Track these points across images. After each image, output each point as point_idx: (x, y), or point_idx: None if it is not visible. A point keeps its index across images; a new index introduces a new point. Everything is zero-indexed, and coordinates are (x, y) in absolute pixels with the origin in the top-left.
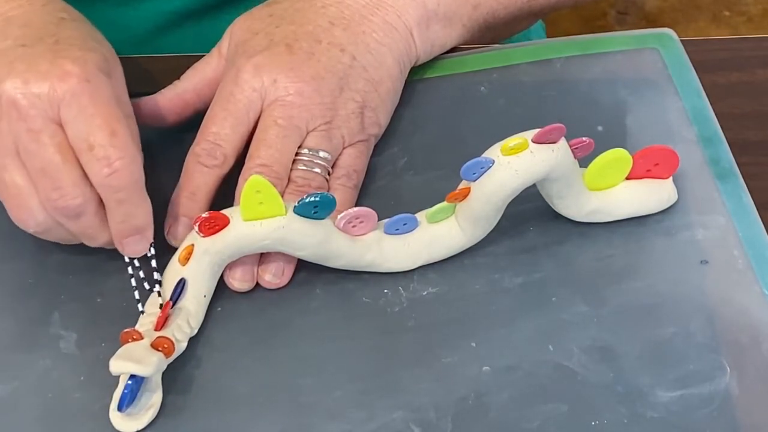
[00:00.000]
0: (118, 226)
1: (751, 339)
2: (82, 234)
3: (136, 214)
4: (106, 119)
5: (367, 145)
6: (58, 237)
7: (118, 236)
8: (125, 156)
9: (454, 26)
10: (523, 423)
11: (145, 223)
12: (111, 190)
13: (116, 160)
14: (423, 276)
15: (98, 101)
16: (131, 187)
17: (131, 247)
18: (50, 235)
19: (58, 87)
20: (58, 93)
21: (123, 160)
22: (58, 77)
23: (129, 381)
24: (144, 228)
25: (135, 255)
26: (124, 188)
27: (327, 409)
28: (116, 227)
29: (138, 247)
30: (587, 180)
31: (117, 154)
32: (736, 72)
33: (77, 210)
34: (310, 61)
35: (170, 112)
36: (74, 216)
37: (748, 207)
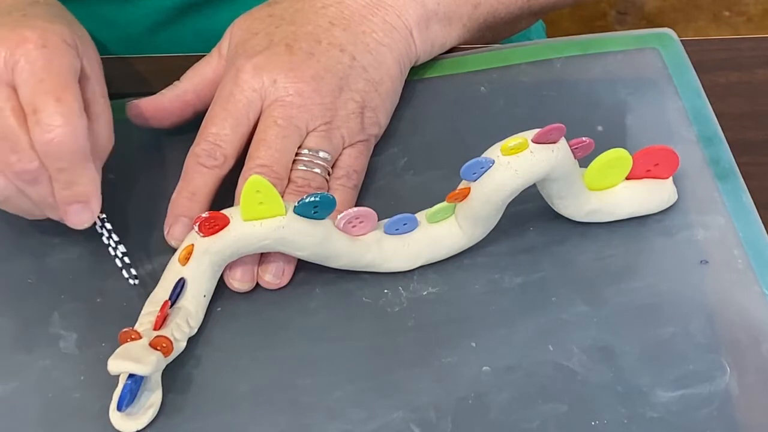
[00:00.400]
0: (60, 194)
1: (751, 339)
2: (41, 202)
3: (78, 183)
4: (55, 85)
5: (366, 145)
6: (20, 207)
7: (61, 204)
8: (67, 124)
9: (454, 26)
10: (523, 423)
11: (89, 193)
12: (51, 157)
13: (57, 127)
14: (423, 276)
15: (51, 67)
16: (72, 156)
17: (74, 217)
18: (11, 205)
19: (15, 51)
20: (15, 57)
21: (64, 128)
22: (15, 42)
23: (128, 380)
24: (87, 197)
25: (79, 226)
26: (65, 156)
27: (327, 409)
28: (59, 195)
29: (81, 216)
30: (587, 180)
31: (58, 121)
32: (735, 72)
33: (34, 174)
34: (310, 61)
35: (170, 112)
36: (32, 180)
37: (748, 207)
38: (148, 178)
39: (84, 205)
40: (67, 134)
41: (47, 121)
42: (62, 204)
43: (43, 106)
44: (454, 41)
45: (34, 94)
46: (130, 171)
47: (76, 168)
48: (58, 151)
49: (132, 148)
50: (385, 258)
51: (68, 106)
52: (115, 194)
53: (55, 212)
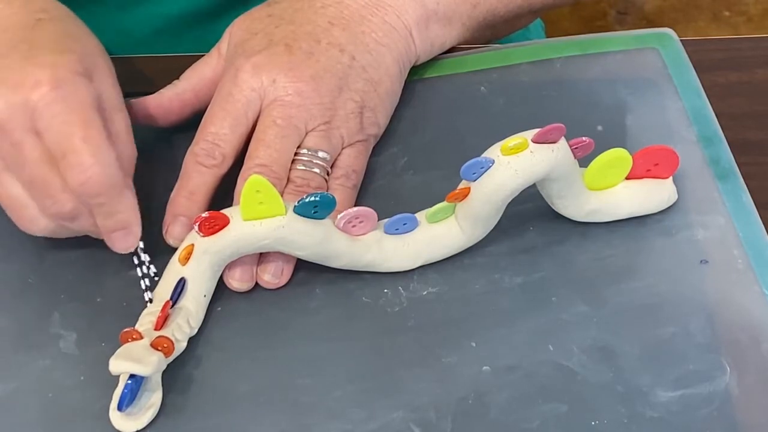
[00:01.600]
0: (102, 224)
1: (751, 339)
2: (85, 231)
3: (118, 212)
4: (78, 125)
5: (366, 145)
6: (70, 234)
7: (104, 233)
8: (97, 162)
9: (453, 25)
10: (523, 423)
11: (130, 219)
12: (89, 196)
13: (89, 167)
14: (423, 276)
15: (70, 107)
16: (107, 191)
17: (118, 243)
18: (62, 234)
19: (30, 97)
20: (31, 103)
21: (95, 167)
22: (29, 87)
23: (129, 381)
24: (129, 223)
25: (124, 250)
26: (100, 193)
27: (327, 409)
28: (101, 225)
29: (125, 242)
30: (587, 180)
31: (89, 161)
32: (735, 72)
33: (72, 214)
34: (309, 61)
35: (169, 112)
36: (71, 219)
37: (748, 207)
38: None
39: (126, 231)
40: (100, 172)
41: (78, 163)
42: (106, 233)
43: (71, 149)
44: (453, 41)
45: (60, 138)
46: None
47: (114, 199)
48: (94, 190)
49: None
50: (385, 258)
51: (95, 142)
52: None
53: (97, 236)
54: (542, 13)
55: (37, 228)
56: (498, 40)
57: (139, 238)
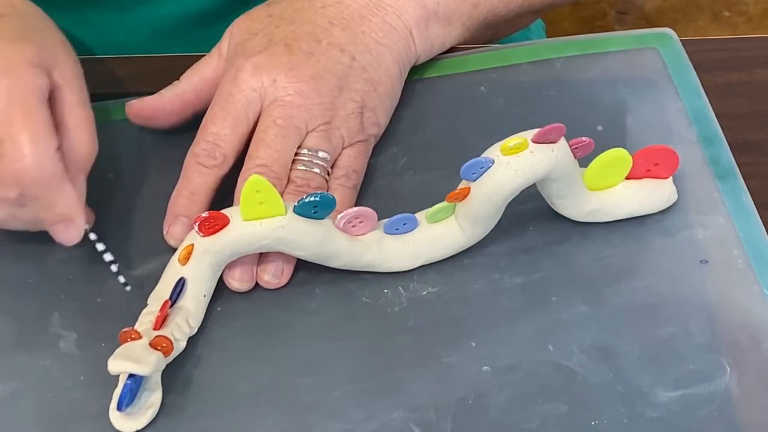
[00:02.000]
0: (43, 215)
1: (751, 339)
2: (33, 223)
3: (56, 205)
4: (18, 113)
5: (366, 145)
6: (18, 226)
7: (47, 225)
8: (34, 152)
9: (453, 25)
10: (523, 423)
11: (70, 212)
12: (23, 186)
13: (24, 156)
14: (423, 276)
15: (12, 96)
16: (43, 183)
17: (61, 235)
18: (10, 225)
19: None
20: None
21: (31, 157)
22: None
23: (128, 380)
24: (69, 216)
25: (68, 242)
26: (35, 184)
27: (327, 409)
28: (42, 216)
29: (68, 234)
30: (587, 180)
31: (25, 150)
32: (735, 72)
33: (18, 201)
34: (310, 61)
35: (169, 112)
36: (19, 206)
37: (748, 207)
38: (148, 177)
39: (67, 224)
40: (34, 163)
41: (13, 152)
42: (47, 225)
43: (8, 136)
44: (453, 41)
45: (2, 125)
46: (130, 171)
47: (51, 192)
48: (28, 180)
49: (131, 148)
50: (385, 258)
51: (34, 132)
52: (115, 194)
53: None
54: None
55: None
56: (499, 40)
57: (82, 231)
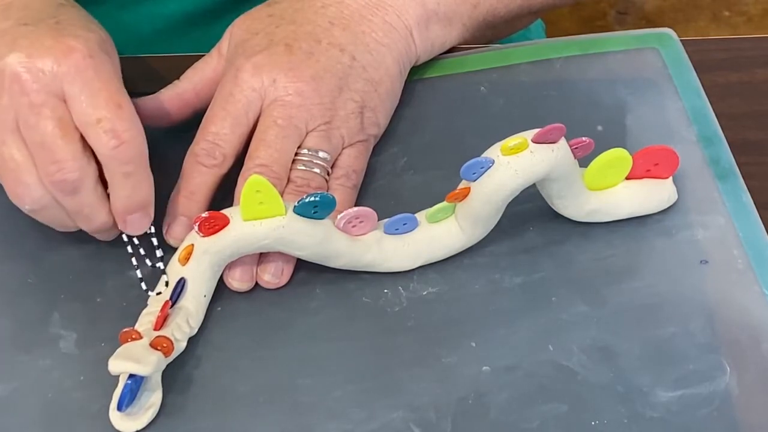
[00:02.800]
0: (123, 202)
1: (751, 339)
2: (78, 213)
3: (141, 189)
4: (112, 93)
5: (366, 145)
6: (54, 217)
7: (122, 212)
8: (132, 128)
9: (454, 25)
10: (523, 423)
11: (149, 199)
12: (118, 163)
13: (124, 132)
14: (423, 276)
15: (102, 76)
16: (138, 160)
17: (135, 224)
18: (46, 215)
19: (62, 62)
20: (62, 68)
21: (130, 132)
22: (62, 52)
23: (128, 381)
24: (147, 204)
25: (137, 232)
26: (132, 160)
27: (327, 409)
28: (121, 202)
29: (141, 224)
30: (587, 180)
31: (124, 126)
32: (735, 72)
33: (75, 184)
34: (310, 61)
35: (169, 112)
36: (71, 191)
37: (748, 207)
38: None
39: (144, 212)
40: (134, 138)
41: (113, 127)
42: (124, 212)
43: (106, 114)
44: (453, 41)
45: (94, 104)
46: None
47: (141, 173)
48: (126, 157)
49: None
50: (385, 258)
51: (130, 111)
52: None
53: (87, 223)
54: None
55: (29, 197)
56: (499, 40)
57: (152, 220)
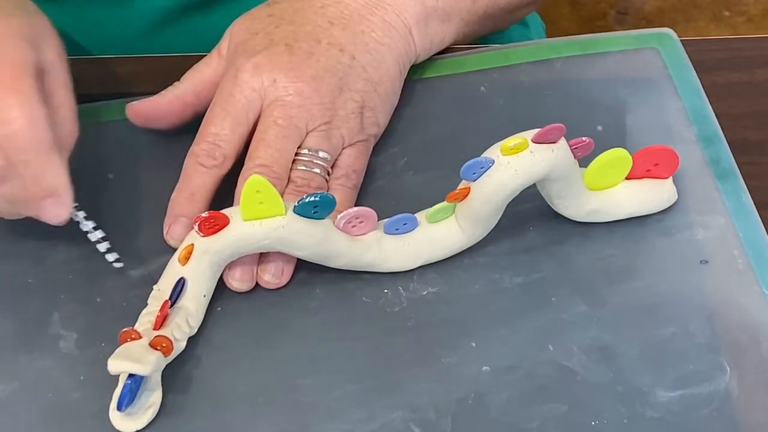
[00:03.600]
0: (29, 190)
1: (751, 339)
2: (14, 201)
3: (45, 176)
4: (7, 79)
5: (366, 145)
6: None
7: (33, 202)
8: (24, 114)
9: (452, 21)
10: (523, 423)
11: (58, 185)
12: (13, 151)
13: (15, 118)
14: (423, 276)
15: (5, 61)
16: (35, 147)
17: (48, 212)
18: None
19: None
20: None
21: (22, 119)
22: None
23: (128, 380)
24: (57, 190)
25: (55, 221)
26: (27, 148)
27: (327, 409)
28: (29, 192)
29: (55, 211)
30: (587, 180)
31: (15, 113)
32: (735, 72)
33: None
34: (310, 60)
35: (169, 113)
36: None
37: (748, 207)
38: (148, 178)
39: (56, 199)
40: (26, 125)
41: (4, 115)
42: (34, 201)
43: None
44: (452, 36)
45: None
46: (130, 171)
47: (41, 160)
48: (19, 144)
49: (132, 148)
50: (385, 258)
51: (23, 97)
52: (115, 194)
53: (29, 209)
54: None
55: None
56: (499, 31)
57: (70, 207)
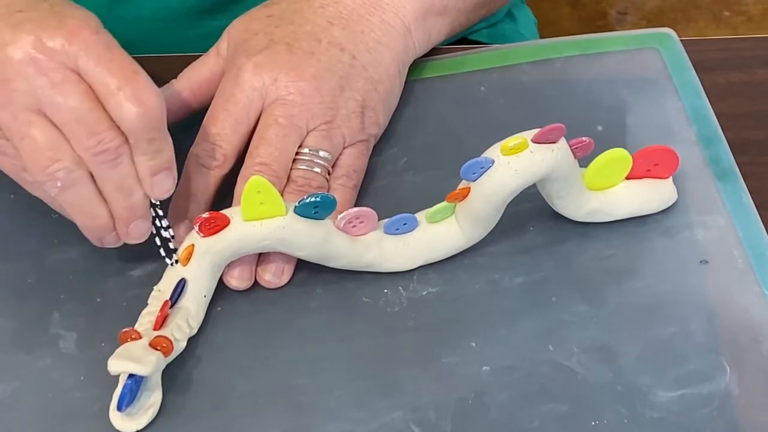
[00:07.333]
0: (149, 164)
1: (751, 339)
2: (119, 186)
3: (165, 149)
4: (126, 63)
5: (366, 145)
6: (82, 197)
7: (149, 174)
8: (153, 94)
9: (449, 12)
10: (523, 423)
11: (172, 159)
12: (144, 129)
13: (148, 97)
14: (423, 276)
15: (113, 48)
16: (162, 123)
17: (160, 186)
18: (74, 195)
19: (73, 40)
20: (74, 46)
21: (151, 98)
22: (69, 32)
23: (128, 380)
24: (172, 163)
25: (164, 194)
26: (158, 125)
27: (327, 409)
28: (146, 167)
29: (166, 184)
30: (587, 180)
31: (145, 92)
32: (735, 72)
33: (118, 151)
34: (310, 60)
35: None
36: (114, 160)
37: (748, 207)
38: None
39: (168, 172)
40: (156, 103)
41: (135, 95)
42: (151, 174)
43: (127, 82)
44: (448, 28)
45: (111, 75)
46: None
47: (165, 135)
48: (150, 122)
49: None
50: (385, 258)
51: (146, 78)
52: None
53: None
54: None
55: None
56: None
57: (176, 181)
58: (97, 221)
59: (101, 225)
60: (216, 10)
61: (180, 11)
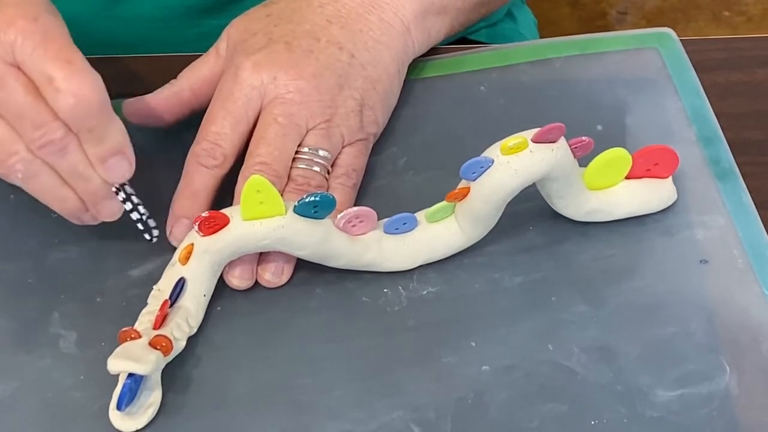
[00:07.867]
0: (94, 152)
1: (751, 339)
2: (72, 174)
3: (110, 134)
4: (61, 51)
5: (366, 144)
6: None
7: (98, 162)
8: (87, 81)
9: (448, 11)
10: (523, 423)
11: (123, 142)
12: (79, 119)
13: (79, 87)
14: (423, 276)
15: (49, 36)
16: (99, 111)
17: (115, 171)
18: (38, 183)
19: (8, 32)
20: (9, 37)
21: (85, 86)
22: (5, 23)
23: (128, 380)
24: (122, 146)
25: (120, 178)
26: (93, 114)
27: (327, 409)
28: (93, 153)
29: (121, 168)
30: (587, 179)
31: (78, 81)
32: (735, 72)
33: (62, 143)
34: (309, 58)
35: (166, 111)
36: (60, 150)
37: (748, 207)
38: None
39: (121, 156)
40: (90, 92)
41: (67, 85)
42: (99, 161)
43: (58, 72)
44: (448, 27)
45: (44, 65)
46: None
47: (106, 122)
48: (85, 111)
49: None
50: (385, 257)
51: (81, 65)
52: None
53: (86, 183)
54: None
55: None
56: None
57: (134, 164)
58: (67, 204)
59: (72, 208)
60: (215, 9)
61: (179, 10)
